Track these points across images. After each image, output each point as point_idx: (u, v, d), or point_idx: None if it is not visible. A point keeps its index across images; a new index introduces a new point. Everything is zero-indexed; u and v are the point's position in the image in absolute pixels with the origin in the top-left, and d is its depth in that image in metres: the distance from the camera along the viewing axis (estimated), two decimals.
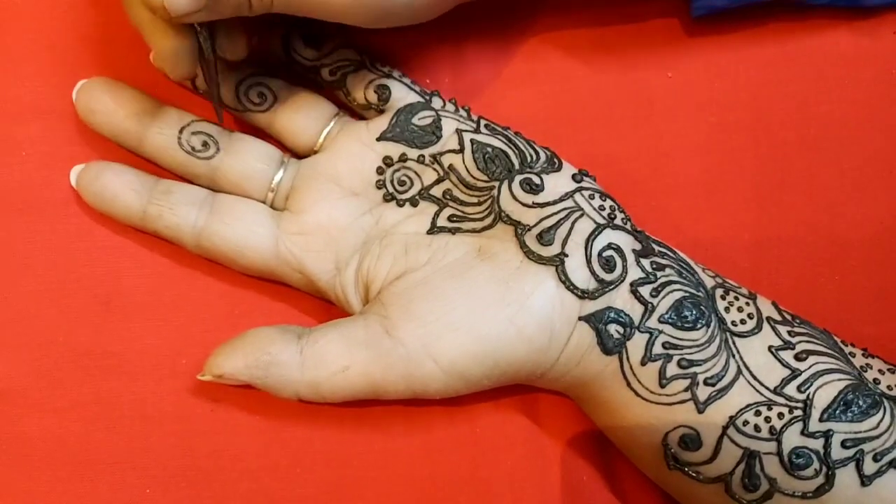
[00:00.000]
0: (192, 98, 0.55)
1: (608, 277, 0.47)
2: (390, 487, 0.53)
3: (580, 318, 0.47)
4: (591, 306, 0.47)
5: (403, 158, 0.52)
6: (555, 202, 0.49)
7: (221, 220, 0.51)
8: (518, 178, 0.50)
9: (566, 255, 0.47)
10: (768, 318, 0.48)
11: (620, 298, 0.47)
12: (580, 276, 0.47)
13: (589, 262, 0.47)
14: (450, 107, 0.54)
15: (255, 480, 0.53)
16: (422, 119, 0.52)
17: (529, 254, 0.47)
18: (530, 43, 0.58)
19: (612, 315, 0.47)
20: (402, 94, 0.53)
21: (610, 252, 0.47)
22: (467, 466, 0.53)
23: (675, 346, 0.46)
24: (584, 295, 0.47)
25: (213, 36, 0.48)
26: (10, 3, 0.56)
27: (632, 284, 0.47)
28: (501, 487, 0.53)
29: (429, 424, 0.53)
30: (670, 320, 0.46)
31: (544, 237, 0.47)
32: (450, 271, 0.48)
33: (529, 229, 0.48)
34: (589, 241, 0.47)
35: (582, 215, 0.48)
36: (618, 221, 0.49)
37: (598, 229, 0.48)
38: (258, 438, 0.53)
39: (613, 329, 0.47)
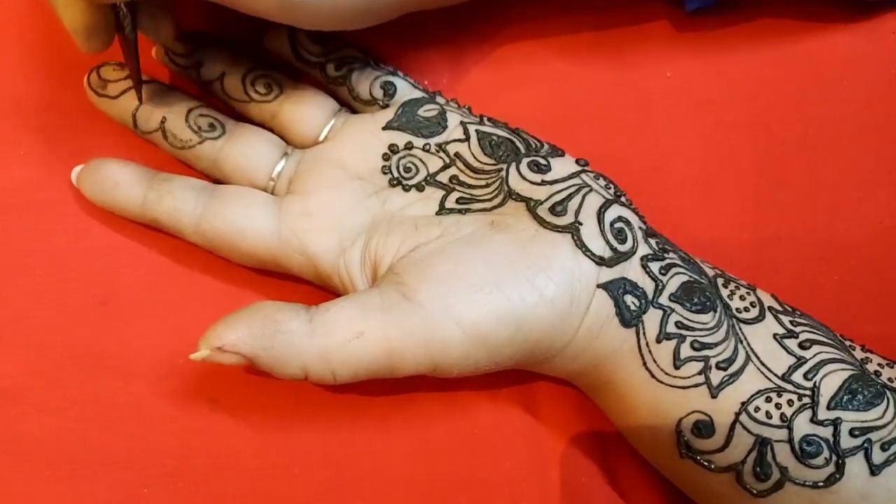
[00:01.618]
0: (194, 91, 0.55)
1: (621, 248, 0.47)
2: (388, 487, 0.52)
3: (598, 286, 0.46)
4: (607, 274, 0.46)
5: (409, 146, 0.52)
6: (563, 179, 0.49)
7: (223, 202, 0.50)
8: (525, 160, 0.50)
9: (581, 223, 0.47)
10: (770, 308, 0.48)
11: (633, 271, 0.47)
12: (596, 244, 0.47)
13: (602, 231, 0.47)
14: (453, 104, 0.54)
15: (253, 479, 0.52)
16: (427, 111, 0.53)
17: (544, 223, 0.47)
18: (528, 44, 0.58)
19: (627, 286, 0.46)
20: (406, 90, 0.54)
21: (620, 224, 0.48)
22: (466, 466, 0.53)
23: (687, 327, 0.46)
24: (601, 262, 0.46)
25: (135, 14, 0.48)
26: (9, 2, 0.56)
27: (642, 259, 0.47)
28: (500, 487, 0.52)
29: (427, 424, 0.53)
30: (680, 300, 0.47)
31: (557, 208, 0.47)
32: (465, 240, 0.48)
33: (541, 203, 0.48)
34: (601, 213, 0.48)
35: (591, 191, 0.49)
36: (623, 201, 0.50)
37: (608, 203, 0.48)
38: (256, 438, 0.53)
39: (630, 300, 0.46)
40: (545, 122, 0.56)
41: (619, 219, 0.48)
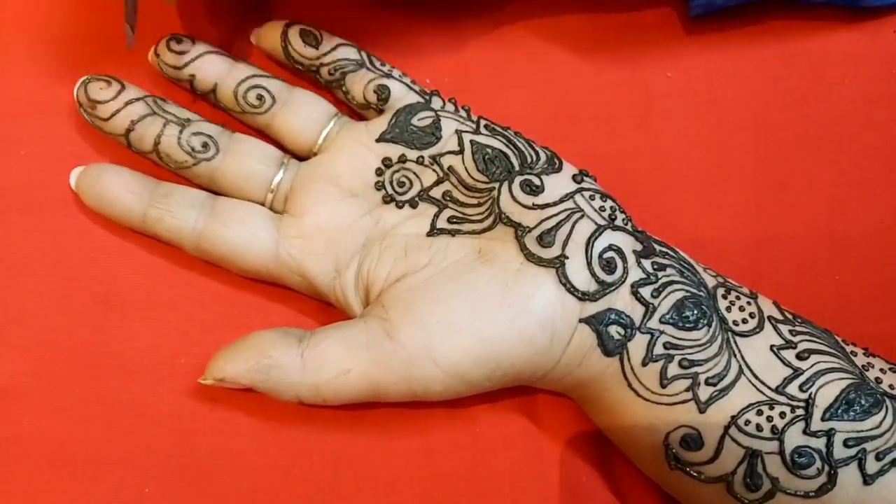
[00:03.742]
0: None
1: (609, 279, 0.47)
2: (389, 488, 0.53)
3: (581, 320, 0.47)
4: (591, 308, 0.47)
5: (403, 159, 0.52)
6: (555, 203, 0.49)
7: (222, 223, 0.51)
8: (518, 179, 0.50)
9: (566, 258, 0.47)
10: (770, 318, 0.48)
11: (621, 300, 0.47)
12: (581, 278, 0.47)
13: (589, 263, 0.47)
14: (449, 107, 0.54)
15: (255, 480, 0.52)
16: (421, 120, 0.52)
17: (530, 256, 0.47)
18: (530, 43, 0.58)
19: (612, 317, 0.46)
20: (401, 93, 0.53)
21: (611, 253, 0.47)
22: (466, 467, 0.53)
23: (677, 347, 0.46)
24: (584, 297, 0.46)
25: None
26: (10, 2, 0.56)
27: (633, 285, 0.47)
28: (500, 488, 0.53)
29: (428, 425, 0.53)
30: (671, 320, 0.46)
31: (544, 239, 0.47)
32: (450, 274, 0.48)
33: (530, 231, 0.48)
34: (589, 243, 0.47)
35: (582, 216, 0.48)
36: (618, 222, 0.49)
37: (599, 231, 0.48)
38: (257, 438, 0.53)
39: (614, 330, 0.46)
40: (546, 121, 0.56)
41: (610, 247, 0.48)
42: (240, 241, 0.51)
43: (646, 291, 0.47)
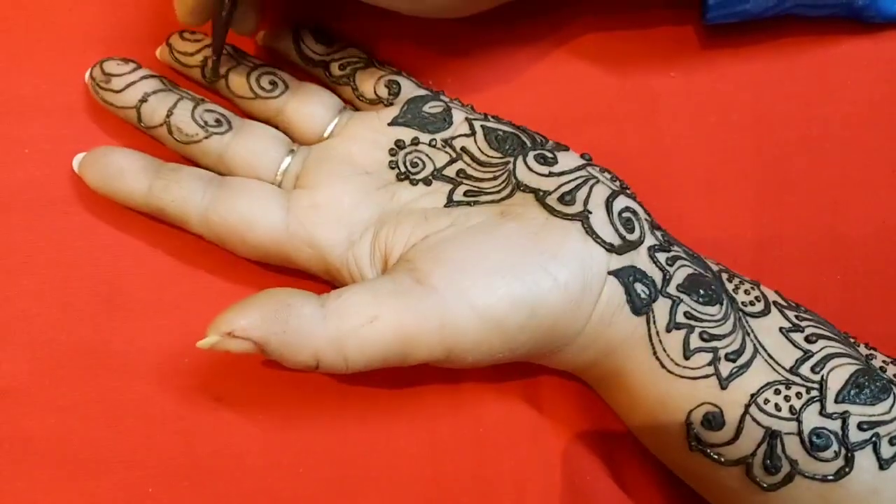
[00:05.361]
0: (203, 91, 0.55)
1: (630, 237, 0.47)
2: (393, 486, 0.52)
3: (609, 273, 0.46)
4: (617, 262, 0.47)
5: (415, 142, 0.52)
6: (570, 171, 0.49)
7: (231, 194, 0.50)
8: (531, 153, 0.50)
9: (590, 212, 0.47)
10: (775, 303, 0.48)
11: (641, 261, 0.47)
12: (606, 231, 0.47)
13: (611, 220, 0.47)
14: (457, 102, 0.54)
15: (258, 479, 0.52)
16: (432, 107, 0.53)
17: (553, 212, 0.47)
18: (533, 44, 0.58)
19: (637, 274, 0.47)
20: (411, 89, 0.54)
21: (628, 214, 0.48)
22: (471, 465, 0.53)
23: (696, 318, 0.46)
24: (611, 248, 0.46)
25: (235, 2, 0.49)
26: (13, 1, 0.56)
27: (650, 249, 0.48)
28: (505, 486, 0.52)
29: (432, 423, 0.53)
30: (687, 291, 0.47)
31: (566, 198, 0.48)
32: (477, 229, 0.48)
33: (550, 193, 0.48)
34: (609, 202, 0.48)
35: (598, 182, 0.49)
36: (629, 193, 0.50)
37: (615, 194, 0.49)
38: (261, 437, 0.52)
39: (640, 288, 0.47)
40: (550, 122, 0.56)
41: (627, 209, 0.48)
42: (249, 212, 0.49)
43: (661, 257, 0.48)
